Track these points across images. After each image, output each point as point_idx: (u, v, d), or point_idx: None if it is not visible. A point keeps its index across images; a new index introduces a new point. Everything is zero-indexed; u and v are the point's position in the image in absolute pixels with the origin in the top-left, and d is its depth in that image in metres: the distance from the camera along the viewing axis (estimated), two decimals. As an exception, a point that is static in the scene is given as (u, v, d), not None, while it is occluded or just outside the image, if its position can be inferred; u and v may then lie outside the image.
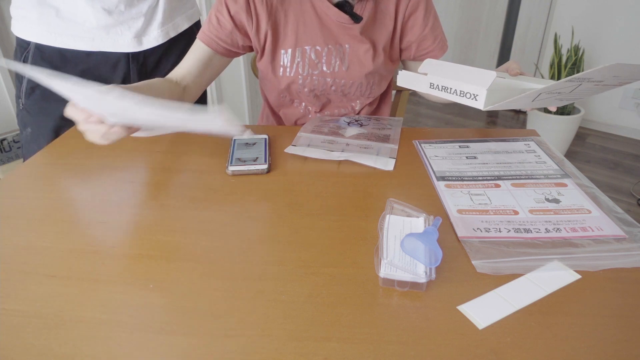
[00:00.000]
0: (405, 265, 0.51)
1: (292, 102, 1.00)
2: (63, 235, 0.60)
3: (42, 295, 0.50)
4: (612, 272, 0.52)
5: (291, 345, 0.43)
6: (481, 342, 0.43)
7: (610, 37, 2.55)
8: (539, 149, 0.81)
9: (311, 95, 0.96)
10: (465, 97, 0.67)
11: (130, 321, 0.46)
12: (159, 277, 0.52)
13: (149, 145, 0.85)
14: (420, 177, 0.73)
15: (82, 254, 0.56)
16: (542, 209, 0.63)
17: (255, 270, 0.53)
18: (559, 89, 0.63)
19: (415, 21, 0.91)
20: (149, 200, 0.68)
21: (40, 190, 0.70)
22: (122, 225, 0.62)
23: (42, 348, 0.43)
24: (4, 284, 0.52)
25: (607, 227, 0.59)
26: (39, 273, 0.53)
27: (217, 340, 0.44)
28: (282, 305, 0.48)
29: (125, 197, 0.68)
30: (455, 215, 0.62)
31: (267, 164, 0.75)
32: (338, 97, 0.97)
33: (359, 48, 0.90)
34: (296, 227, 0.61)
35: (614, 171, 2.38)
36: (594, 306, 0.48)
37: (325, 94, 0.96)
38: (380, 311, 0.47)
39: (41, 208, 0.65)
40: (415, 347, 0.43)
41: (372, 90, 0.97)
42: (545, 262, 0.53)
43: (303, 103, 1.00)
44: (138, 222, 0.62)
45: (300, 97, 0.98)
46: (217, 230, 0.61)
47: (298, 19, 0.88)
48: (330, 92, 0.95)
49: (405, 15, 0.90)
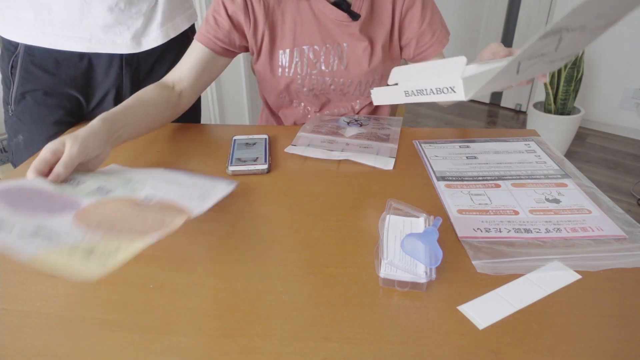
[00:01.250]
0: (406, 265, 0.51)
1: (291, 103, 1.00)
2: (63, 235, 0.60)
3: (42, 295, 0.50)
4: (612, 272, 0.52)
5: (291, 345, 0.43)
6: (481, 342, 0.43)
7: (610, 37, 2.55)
8: (539, 149, 0.81)
9: (310, 94, 0.96)
10: (443, 92, 0.61)
11: (130, 321, 0.46)
12: (159, 277, 0.52)
13: (149, 145, 0.84)
14: (420, 177, 0.73)
15: (82, 254, 0.56)
16: (543, 209, 0.63)
17: (255, 270, 0.53)
18: (540, 51, 0.56)
19: (413, 17, 0.90)
20: (149, 200, 0.68)
21: (40, 190, 0.70)
22: (122, 225, 0.62)
23: (42, 348, 0.43)
24: (4, 284, 0.52)
25: (608, 227, 0.59)
26: (39, 273, 0.53)
27: (217, 340, 0.44)
28: (282, 305, 0.48)
29: (125, 197, 0.68)
30: (456, 215, 0.62)
31: (267, 164, 0.75)
32: (337, 96, 0.97)
33: (357, 46, 0.90)
34: (296, 227, 0.61)
35: (614, 171, 2.38)
36: (594, 306, 0.48)
37: (324, 93, 0.96)
38: (381, 311, 0.47)
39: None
40: (415, 347, 0.43)
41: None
42: (546, 262, 0.53)
43: (302, 103, 0.99)
44: (138, 222, 0.62)
45: (299, 97, 0.98)
46: (217, 230, 0.61)
47: (295, 19, 0.88)
48: (330, 91, 0.95)
49: (402, 11, 0.90)
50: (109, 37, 0.87)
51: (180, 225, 0.51)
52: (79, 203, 0.55)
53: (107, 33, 0.87)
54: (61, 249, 0.45)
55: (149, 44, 0.93)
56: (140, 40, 0.91)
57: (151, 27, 0.92)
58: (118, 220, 0.51)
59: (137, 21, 0.89)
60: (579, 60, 2.29)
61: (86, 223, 0.50)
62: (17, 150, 0.92)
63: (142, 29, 0.90)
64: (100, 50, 0.88)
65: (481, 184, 0.70)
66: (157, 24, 0.92)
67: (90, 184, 0.61)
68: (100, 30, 0.86)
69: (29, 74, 0.88)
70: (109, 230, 0.49)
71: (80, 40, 0.86)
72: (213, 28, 0.86)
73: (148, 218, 0.53)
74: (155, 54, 0.96)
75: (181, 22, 0.98)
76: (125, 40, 0.89)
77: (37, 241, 0.45)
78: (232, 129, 0.91)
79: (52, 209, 0.52)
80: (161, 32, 0.93)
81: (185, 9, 1.00)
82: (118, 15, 0.86)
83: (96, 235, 0.47)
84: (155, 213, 0.54)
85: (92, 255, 0.44)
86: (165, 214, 0.54)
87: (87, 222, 0.50)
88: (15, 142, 0.93)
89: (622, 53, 2.55)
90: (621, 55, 2.55)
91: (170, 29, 0.96)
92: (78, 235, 0.47)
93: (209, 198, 0.61)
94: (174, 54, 0.99)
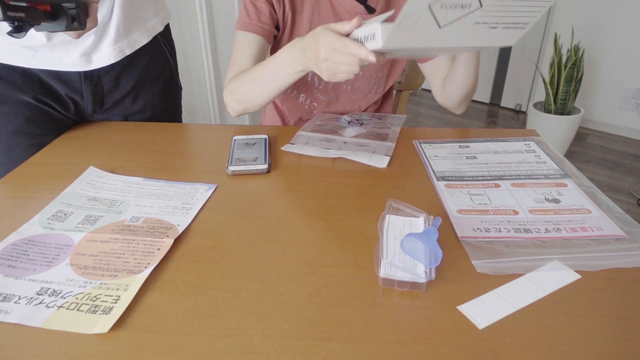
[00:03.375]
0: (405, 265, 0.51)
1: (297, 97, 1.00)
2: (63, 235, 0.60)
3: (42, 295, 0.50)
4: (612, 272, 0.52)
5: (291, 345, 0.43)
6: (481, 342, 0.43)
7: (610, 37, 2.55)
8: (539, 149, 0.81)
9: (320, 87, 0.96)
10: (368, 40, 0.61)
11: (131, 321, 0.46)
12: (159, 277, 0.52)
13: (149, 145, 0.84)
14: (420, 177, 0.73)
15: (82, 254, 0.56)
16: (542, 209, 0.63)
17: (255, 270, 0.53)
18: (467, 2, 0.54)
19: None
20: (149, 200, 0.68)
21: (40, 189, 0.70)
22: (122, 225, 0.62)
23: (42, 348, 0.43)
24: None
25: (607, 227, 0.59)
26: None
27: (217, 340, 0.44)
28: (282, 305, 0.48)
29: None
30: (456, 215, 0.62)
31: (267, 164, 0.75)
32: (347, 91, 0.98)
33: None
34: (296, 227, 0.61)
35: (614, 171, 2.38)
36: (594, 306, 0.48)
37: (334, 87, 0.96)
38: (380, 311, 0.47)
39: (41, 207, 0.65)
40: (415, 347, 0.43)
41: (380, 85, 0.98)
42: (545, 262, 0.53)
43: (308, 99, 1.00)
44: (138, 222, 0.62)
45: (307, 90, 0.98)
46: (217, 230, 0.61)
47: (313, 7, 0.90)
48: (340, 84, 0.96)
49: None
50: (54, 54, 0.81)
51: (170, 245, 0.56)
52: (71, 239, 0.58)
53: (52, 50, 0.80)
54: (68, 303, 0.48)
55: (100, 62, 0.85)
56: (90, 58, 0.83)
57: (102, 44, 0.84)
58: (112, 256, 0.55)
59: (87, 39, 0.81)
60: (579, 60, 2.29)
61: (83, 268, 0.53)
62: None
63: (92, 47, 0.83)
64: (47, 67, 0.82)
65: (481, 183, 0.70)
66: (110, 41, 0.84)
67: (77, 214, 0.63)
68: (45, 48, 0.80)
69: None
70: (106, 272, 0.52)
71: (23, 55, 0.80)
72: (255, 14, 0.87)
73: (138, 246, 0.57)
74: (118, 68, 0.88)
75: (140, 36, 0.89)
76: (72, 58, 0.82)
77: (45, 302, 0.48)
78: (232, 129, 0.91)
79: (48, 258, 0.55)
80: (114, 50, 0.85)
81: (149, 19, 0.91)
82: (63, 36, 0.78)
83: (95, 284, 0.51)
84: (144, 237, 0.58)
85: (97, 302, 0.48)
86: (154, 236, 0.58)
87: (84, 266, 0.53)
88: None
89: (622, 53, 2.55)
90: (621, 55, 2.55)
91: (126, 46, 0.87)
92: (79, 284, 0.51)
93: (192, 206, 0.65)
94: (142, 64, 0.92)
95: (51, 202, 0.66)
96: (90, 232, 0.59)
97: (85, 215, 0.63)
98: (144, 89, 0.94)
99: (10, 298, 0.49)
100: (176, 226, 0.60)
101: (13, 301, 0.48)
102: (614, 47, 2.56)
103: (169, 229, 0.60)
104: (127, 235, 0.58)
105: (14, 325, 0.46)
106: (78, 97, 0.88)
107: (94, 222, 0.61)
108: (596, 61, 2.63)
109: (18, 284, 0.51)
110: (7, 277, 0.52)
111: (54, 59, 0.81)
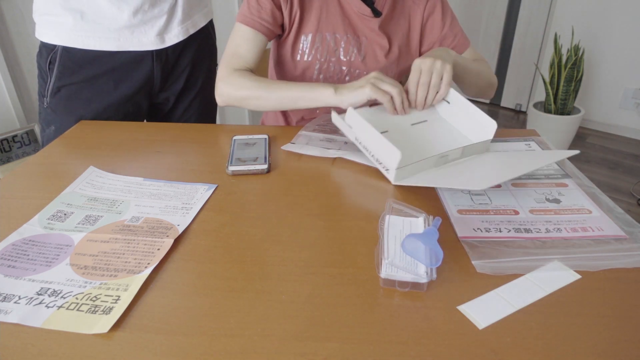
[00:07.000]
0: (406, 265, 0.51)
1: None
2: (63, 235, 0.60)
3: (42, 295, 0.50)
4: (612, 272, 0.52)
5: (291, 345, 0.43)
6: (481, 342, 0.43)
7: (610, 37, 2.54)
8: (539, 149, 0.81)
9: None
10: (381, 165, 0.71)
11: (131, 321, 0.46)
12: (159, 277, 0.52)
13: (149, 145, 0.84)
14: (420, 177, 0.73)
15: (82, 254, 0.56)
16: (543, 209, 0.63)
17: (255, 270, 0.53)
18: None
19: (434, 23, 0.95)
20: (149, 200, 0.68)
21: (40, 189, 0.70)
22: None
23: (42, 348, 0.43)
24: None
25: (608, 227, 0.59)
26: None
27: (217, 340, 0.44)
28: (282, 305, 0.48)
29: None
30: (456, 215, 0.62)
31: (267, 164, 0.75)
32: None
33: (375, 42, 0.93)
34: (296, 227, 0.61)
35: (614, 171, 2.37)
36: (594, 306, 0.48)
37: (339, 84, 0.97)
38: (381, 311, 0.47)
39: (41, 207, 0.65)
40: (415, 347, 0.43)
41: None
42: (546, 262, 0.53)
43: None
44: (138, 222, 0.62)
45: None
46: (217, 230, 0.61)
47: (322, 6, 0.91)
48: (345, 82, 0.96)
49: (423, 18, 0.95)
50: (135, 37, 0.95)
51: (170, 245, 0.56)
52: (71, 239, 0.58)
53: (133, 33, 0.94)
54: (68, 303, 0.48)
55: (171, 40, 1.00)
56: (163, 37, 0.98)
57: (172, 24, 0.99)
58: (112, 257, 0.55)
59: (160, 20, 0.96)
60: (579, 60, 2.28)
61: (83, 268, 0.53)
62: (48, 140, 0.96)
63: (164, 27, 0.97)
64: (129, 48, 0.96)
65: (481, 184, 0.70)
66: (178, 21, 0.99)
67: (77, 214, 0.63)
68: (127, 31, 0.93)
69: (66, 69, 0.94)
70: (106, 272, 0.52)
71: (109, 40, 0.93)
72: (256, 9, 0.87)
73: (138, 246, 0.56)
74: (179, 48, 1.03)
75: (199, 19, 1.05)
76: (150, 38, 0.96)
77: (45, 302, 0.48)
78: (232, 129, 0.91)
79: (48, 258, 0.55)
80: (181, 29, 1.00)
81: (203, 7, 1.07)
82: (143, 16, 0.93)
83: (95, 284, 0.51)
84: (144, 237, 0.58)
85: (97, 303, 0.48)
86: (154, 236, 0.58)
87: (84, 266, 0.53)
88: (47, 132, 0.99)
89: (622, 53, 2.54)
90: (621, 55, 2.55)
91: (190, 25, 1.03)
92: (79, 284, 0.51)
93: (192, 206, 0.65)
94: (195, 47, 1.06)
95: (51, 202, 0.66)
96: (90, 232, 0.59)
97: (85, 215, 0.63)
98: (196, 68, 1.08)
99: (10, 298, 0.49)
100: (176, 226, 0.60)
101: (13, 301, 0.48)
102: (614, 47, 2.56)
103: (169, 229, 0.60)
104: (127, 235, 0.58)
105: (14, 325, 0.46)
106: (146, 80, 1.01)
107: (94, 222, 0.61)
108: (596, 61, 2.63)
109: (18, 284, 0.51)
110: (7, 277, 0.52)
111: (135, 41, 0.95)
